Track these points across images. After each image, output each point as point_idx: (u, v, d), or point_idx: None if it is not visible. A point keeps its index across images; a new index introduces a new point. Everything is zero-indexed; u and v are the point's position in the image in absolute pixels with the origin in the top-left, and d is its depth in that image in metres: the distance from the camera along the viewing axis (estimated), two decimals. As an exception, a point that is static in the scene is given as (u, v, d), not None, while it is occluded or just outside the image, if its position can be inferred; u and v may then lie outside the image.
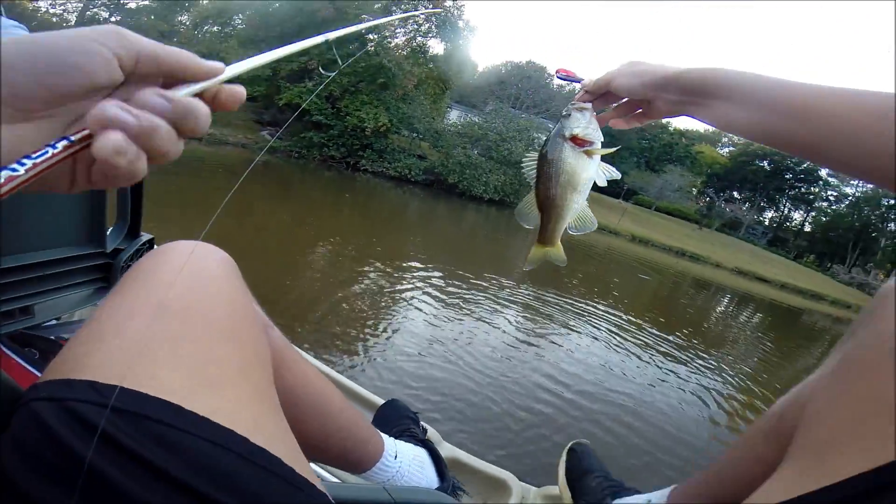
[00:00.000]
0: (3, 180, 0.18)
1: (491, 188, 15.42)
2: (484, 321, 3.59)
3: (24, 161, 0.19)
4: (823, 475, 0.33)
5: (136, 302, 0.32)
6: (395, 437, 0.74)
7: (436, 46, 17.58)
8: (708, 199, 36.43)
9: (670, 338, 4.56)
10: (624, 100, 0.55)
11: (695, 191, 34.83)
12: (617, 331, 4.26)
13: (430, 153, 16.23)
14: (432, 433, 0.89)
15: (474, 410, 2.24)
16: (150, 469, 0.25)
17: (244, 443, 0.28)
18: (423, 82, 16.48)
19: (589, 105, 0.53)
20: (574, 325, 4.11)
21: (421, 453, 0.74)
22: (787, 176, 35.19)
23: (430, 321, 3.33)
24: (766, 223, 38.37)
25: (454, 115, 20.66)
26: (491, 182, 15.45)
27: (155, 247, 0.83)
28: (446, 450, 0.88)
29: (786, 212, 38.42)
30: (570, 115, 0.53)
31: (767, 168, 35.27)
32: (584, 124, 0.52)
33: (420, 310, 3.51)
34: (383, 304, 3.54)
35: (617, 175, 0.54)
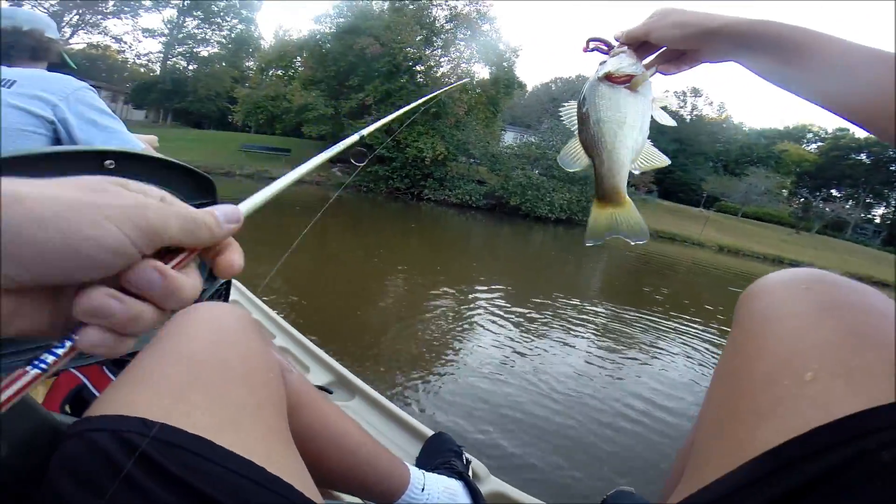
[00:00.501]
0: (30, 378, 0.19)
1: (556, 207, 15.19)
2: (559, 341, 3.39)
3: (48, 357, 0.20)
4: (697, 483, 0.35)
5: (171, 353, 0.38)
6: (433, 470, 0.77)
7: (481, 71, 18.03)
8: (802, 199, 32.90)
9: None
10: (663, 48, 0.52)
11: (785, 192, 31.40)
12: (712, 349, 3.81)
13: (489, 177, 16.35)
14: (479, 467, 0.89)
15: (550, 432, 2.08)
16: (187, 489, 0.30)
17: (262, 472, 0.33)
18: (474, 108, 16.82)
19: (624, 48, 0.50)
20: (661, 345, 3.75)
21: (454, 485, 0.76)
22: (892, 168, 30.82)
23: (500, 342, 3.22)
24: (877, 221, 33.83)
25: (509, 138, 20.71)
26: (556, 201, 15.22)
27: (231, 286, 0.91)
28: (493, 484, 0.88)
29: (897, 206, 33.25)
30: (605, 62, 0.49)
31: (867, 161, 31.28)
32: (617, 62, 0.48)
33: (491, 331, 3.42)
34: (453, 327, 3.49)
35: (671, 122, 0.51)
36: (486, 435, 2.00)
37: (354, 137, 0.35)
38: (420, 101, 0.69)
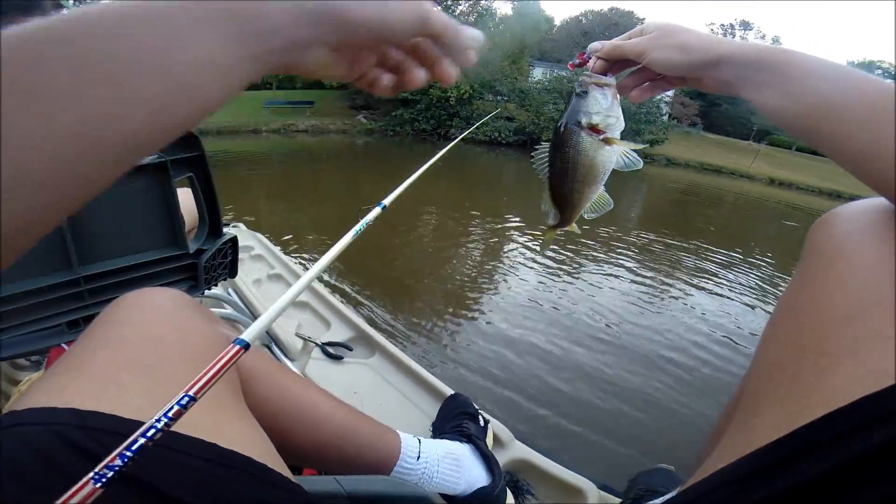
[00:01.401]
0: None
1: None
2: (607, 275, 3.29)
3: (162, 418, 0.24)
4: (744, 442, 0.31)
5: (101, 339, 0.38)
6: (442, 435, 0.74)
7: (502, 6, 16.80)
8: None
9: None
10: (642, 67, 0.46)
11: None
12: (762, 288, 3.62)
13: (518, 113, 15.80)
14: (502, 431, 0.83)
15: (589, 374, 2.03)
16: (130, 478, 0.28)
17: (213, 447, 0.32)
18: (499, 43, 15.92)
19: (612, 81, 0.46)
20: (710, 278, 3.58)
21: (459, 450, 0.70)
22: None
23: (539, 280, 3.15)
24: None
25: (538, 73, 19.56)
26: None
27: (239, 245, 0.97)
28: (517, 450, 0.82)
29: None
30: (587, 93, 0.45)
31: None
32: (606, 109, 0.45)
33: (530, 267, 3.36)
34: (488, 265, 3.44)
35: (639, 165, 0.47)
36: (520, 395, 1.94)
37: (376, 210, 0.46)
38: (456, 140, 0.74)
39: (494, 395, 1.91)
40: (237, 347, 0.28)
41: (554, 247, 3.95)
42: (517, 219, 4.97)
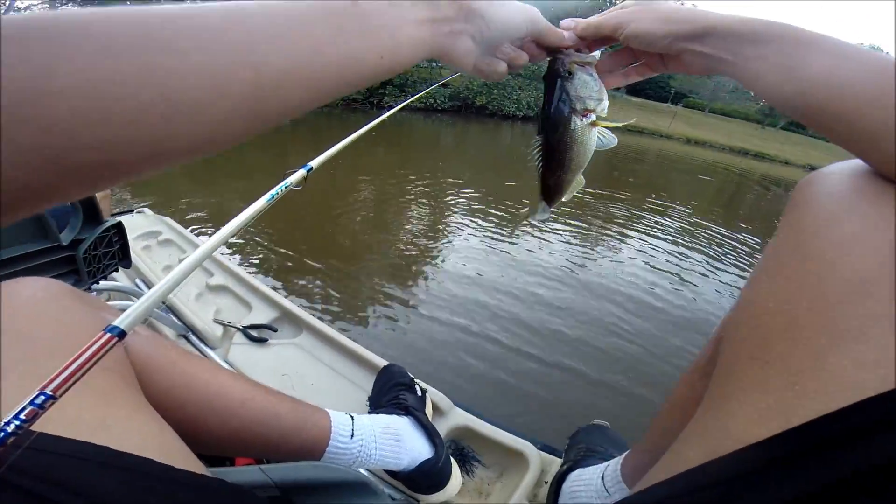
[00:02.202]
0: None
1: (523, 104, 15.13)
2: (538, 237, 3.40)
3: None
4: (720, 429, 0.28)
5: None
6: (379, 409, 0.71)
7: None
8: None
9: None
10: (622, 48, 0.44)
11: (752, 92, 31.30)
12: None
13: (454, 79, 15.57)
14: (441, 399, 0.81)
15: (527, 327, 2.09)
16: (12, 490, 0.26)
17: (102, 450, 0.30)
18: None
19: (595, 57, 0.43)
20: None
21: (398, 423, 0.67)
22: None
23: (483, 242, 3.19)
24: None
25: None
26: (522, 99, 15.11)
27: (125, 230, 0.91)
28: (458, 417, 0.80)
29: None
30: (573, 75, 0.42)
31: None
32: (597, 91, 0.43)
33: (471, 231, 3.38)
34: (429, 233, 3.40)
35: (614, 142, 0.45)
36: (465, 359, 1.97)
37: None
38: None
39: (434, 359, 1.91)
40: (108, 336, 0.25)
41: (499, 207, 4.01)
42: (458, 181, 4.96)
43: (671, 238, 3.96)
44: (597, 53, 0.43)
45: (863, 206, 0.29)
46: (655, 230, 4.10)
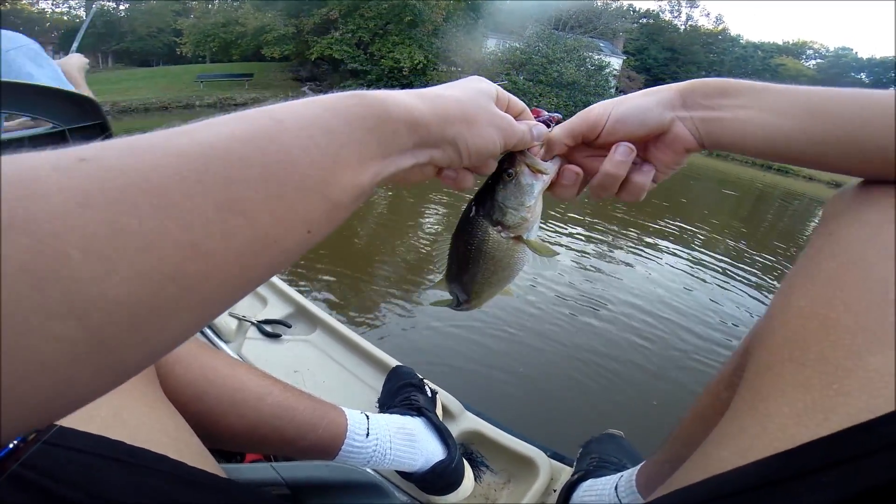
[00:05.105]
0: None
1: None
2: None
3: None
4: (757, 426, 0.27)
5: None
6: (390, 410, 0.70)
7: None
8: None
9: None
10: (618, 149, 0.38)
11: None
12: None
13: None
14: (451, 402, 0.79)
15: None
16: (27, 485, 0.25)
17: (119, 446, 0.30)
18: (453, 14, 15.75)
19: (551, 171, 0.37)
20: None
21: (412, 424, 0.66)
22: (892, 88, 30.95)
23: None
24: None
25: (492, 44, 19.50)
26: (542, 106, 15.49)
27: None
28: (468, 421, 0.79)
29: (894, 126, 33.63)
30: (513, 178, 0.36)
31: (867, 80, 31.68)
32: (525, 207, 0.36)
33: None
34: (449, 231, 3.43)
35: (555, 265, 0.40)
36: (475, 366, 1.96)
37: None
38: None
39: (445, 362, 1.90)
40: None
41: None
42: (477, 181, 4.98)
43: (698, 250, 3.89)
44: (551, 165, 0.37)
45: None
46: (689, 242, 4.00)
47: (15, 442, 0.23)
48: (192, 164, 0.16)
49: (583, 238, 3.79)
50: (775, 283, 3.46)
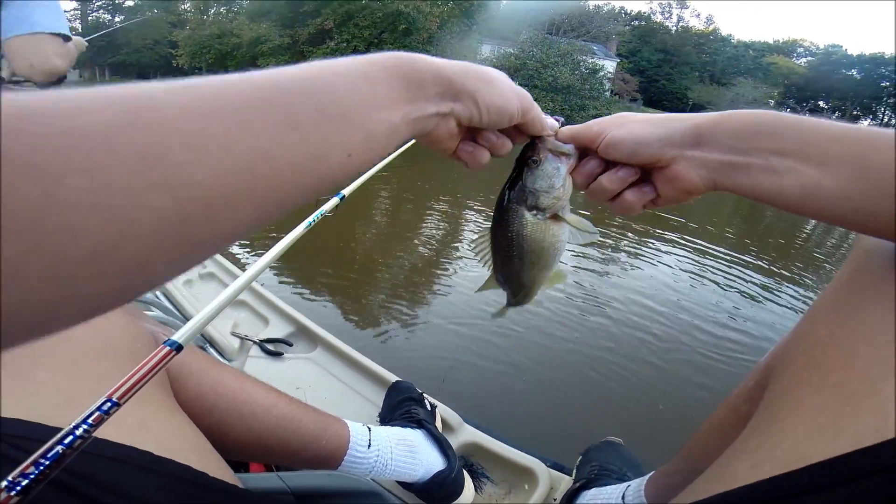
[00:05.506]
0: None
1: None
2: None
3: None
4: (771, 445, 0.28)
5: None
6: (391, 423, 0.71)
7: None
8: (788, 109, 33.34)
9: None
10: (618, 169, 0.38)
11: (772, 102, 31.40)
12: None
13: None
14: (451, 416, 0.81)
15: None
16: (55, 488, 0.27)
17: (142, 454, 0.32)
18: (447, 21, 15.85)
19: (571, 149, 0.38)
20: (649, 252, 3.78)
21: (412, 436, 0.68)
22: (883, 84, 31.37)
23: None
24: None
25: (486, 50, 19.60)
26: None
27: None
28: (467, 434, 0.80)
29: (885, 120, 33.39)
30: (539, 163, 0.38)
31: (857, 76, 31.94)
32: (557, 187, 0.38)
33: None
34: (444, 249, 3.41)
35: (595, 236, 0.41)
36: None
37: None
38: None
39: (443, 375, 1.92)
40: (167, 349, 0.27)
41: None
42: (478, 198, 4.99)
43: (705, 254, 3.89)
44: (573, 148, 0.38)
45: None
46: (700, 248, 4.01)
47: (60, 448, 0.24)
48: (265, 93, 0.21)
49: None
50: (779, 281, 3.48)
